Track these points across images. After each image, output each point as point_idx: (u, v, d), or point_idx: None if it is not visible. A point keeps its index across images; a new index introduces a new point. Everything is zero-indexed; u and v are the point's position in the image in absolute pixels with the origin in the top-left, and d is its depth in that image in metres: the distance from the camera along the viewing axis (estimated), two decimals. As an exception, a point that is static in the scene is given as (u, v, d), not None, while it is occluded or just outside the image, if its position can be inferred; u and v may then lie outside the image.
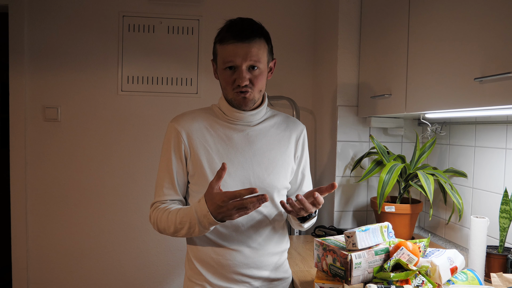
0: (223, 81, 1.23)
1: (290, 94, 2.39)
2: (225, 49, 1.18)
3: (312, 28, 2.46)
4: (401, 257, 1.11)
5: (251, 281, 1.26)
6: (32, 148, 2.30)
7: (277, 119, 1.36)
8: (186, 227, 1.16)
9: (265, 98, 1.32)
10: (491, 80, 1.04)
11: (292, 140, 1.34)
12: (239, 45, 1.17)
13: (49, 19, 2.28)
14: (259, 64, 1.20)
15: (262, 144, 1.28)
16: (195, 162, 1.24)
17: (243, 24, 1.20)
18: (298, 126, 1.38)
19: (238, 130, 1.28)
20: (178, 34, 2.36)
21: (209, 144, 1.25)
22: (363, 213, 2.04)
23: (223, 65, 1.20)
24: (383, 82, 1.69)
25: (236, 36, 1.17)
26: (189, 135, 1.25)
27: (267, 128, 1.31)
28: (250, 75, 1.19)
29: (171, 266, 2.43)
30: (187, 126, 1.26)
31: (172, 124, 1.28)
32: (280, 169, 1.28)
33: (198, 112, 1.32)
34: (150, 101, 2.38)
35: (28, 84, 2.28)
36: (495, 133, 1.54)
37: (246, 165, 1.24)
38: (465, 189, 1.70)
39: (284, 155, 1.30)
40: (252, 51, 1.18)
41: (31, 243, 2.32)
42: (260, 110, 1.30)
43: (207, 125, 1.28)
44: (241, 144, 1.26)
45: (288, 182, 1.33)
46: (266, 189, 1.25)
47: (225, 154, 1.24)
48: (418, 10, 1.43)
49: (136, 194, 2.38)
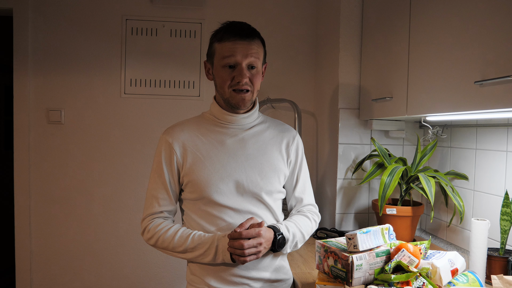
0: (220, 79, 1.22)
1: (291, 97, 2.40)
2: (225, 46, 1.18)
3: (313, 31, 2.47)
4: (402, 259, 1.12)
5: (250, 283, 1.26)
6: (36, 150, 2.32)
7: (269, 125, 1.36)
8: (199, 252, 1.19)
9: (256, 102, 1.33)
10: (491, 83, 1.05)
11: (283, 146, 1.34)
12: (240, 43, 1.18)
13: (53, 22, 2.30)
14: (257, 63, 1.21)
15: (255, 149, 1.28)
16: (188, 172, 1.25)
17: (242, 24, 1.22)
18: (290, 132, 1.38)
19: (230, 135, 1.28)
20: (180, 37, 2.38)
21: (201, 152, 1.25)
22: (365, 215, 2.04)
23: (222, 62, 1.19)
24: (384, 85, 1.70)
25: (237, 34, 1.18)
26: (181, 145, 1.26)
27: (260, 132, 1.32)
28: (249, 73, 1.20)
29: (174, 267, 2.44)
30: (178, 137, 1.27)
31: (163, 137, 1.29)
32: (272, 174, 1.28)
33: (189, 122, 1.33)
34: (153, 104, 2.39)
35: (32, 87, 2.30)
36: (496, 135, 1.54)
37: (239, 169, 1.24)
38: (466, 192, 1.71)
39: (276, 160, 1.30)
40: (252, 49, 1.19)
41: (34, 245, 2.34)
42: (252, 113, 1.30)
43: (199, 133, 1.28)
44: (234, 148, 1.26)
45: (281, 186, 1.32)
46: (258, 193, 1.25)
47: (217, 160, 1.24)
48: (419, 14, 1.44)
49: (139, 195, 2.39)
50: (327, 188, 2.14)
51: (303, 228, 1.30)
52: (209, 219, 1.24)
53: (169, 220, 1.30)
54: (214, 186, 1.22)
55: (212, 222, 1.24)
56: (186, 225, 1.30)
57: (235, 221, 1.23)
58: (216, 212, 1.23)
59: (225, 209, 1.23)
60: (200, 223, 1.25)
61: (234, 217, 1.23)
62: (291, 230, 1.25)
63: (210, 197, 1.23)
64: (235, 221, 1.23)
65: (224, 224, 1.23)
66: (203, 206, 1.25)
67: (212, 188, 1.22)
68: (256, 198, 1.26)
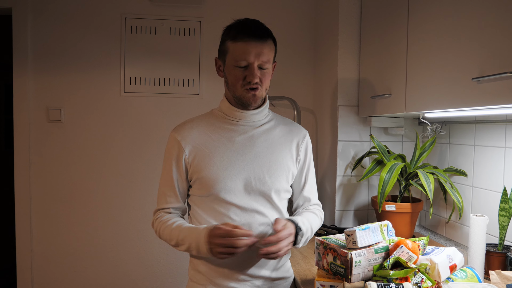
0: (233, 78, 1.23)
1: (291, 94, 2.40)
2: (239, 46, 1.19)
3: (312, 29, 2.47)
4: (401, 255, 1.13)
5: (252, 280, 1.26)
6: (36, 149, 2.33)
7: (279, 123, 1.37)
8: (186, 245, 1.20)
9: (267, 98, 1.34)
10: (488, 80, 1.06)
11: (293, 145, 1.34)
12: (253, 44, 1.18)
13: (52, 21, 2.30)
14: (268, 64, 1.23)
15: (264, 146, 1.29)
16: (197, 169, 1.25)
17: (256, 24, 1.22)
18: (301, 131, 1.39)
19: (240, 132, 1.29)
20: (179, 35, 2.38)
21: (210, 149, 1.26)
22: (364, 212, 2.05)
23: (234, 62, 1.21)
24: (383, 82, 1.70)
25: (252, 34, 1.18)
26: (190, 143, 1.27)
27: (269, 130, 1.32)
28: (260, 73, 1.21)
29: (175, 266, 2.44)
30: (187, 135, 1.28)
31: (172, 134, 1.31)
32: (280, 172, 1.28)
33: (198, 119, 1.34)
34: (153, 102, 2.39)
35: (31, 85, 2.31)
36: (495, 132, 1.55)
37: (247, 167, 1.25)
38: (465, 188, 1.71)
39: (285, 159, 1.30)
40: (264, 50, 1.20)
41: (35, 243, 2.35)
42: (262, 109, 1.31)
43: (208, 131, 1.29)
44: (243, 145, 1.27)
45: (288, 185, 1.33)
46: (266, 191, 1.26)
47: (226, 157, 1.25)
48: (417, 11, 1.44)
49: (139, 194, 2.40)
50: (327, 185, 2.15)
51: (313, 225, 1.31)
52: (215, 215, 1.25)
53: (174, 214, 1.31)
54: (222, 183, 1.23)
55: (218, 219, 1.24)
56: (192, 220, 1.31)
57: (241, 219, 1.23)
58: (223, 209, 1.24)
59: (232, 206, 1.24)
60: (206, 219, 1.26)
61: (240, 215, 1.24)
62: (305, 226, 1.26)
63: (217, 194, 1.23)
64: (240, 219, 1.23)
65: (229, 222, 1.23)
66: (210, 203, 1.25)
67: (220, 186, 1.23)
68: (263, 197, 1.26)
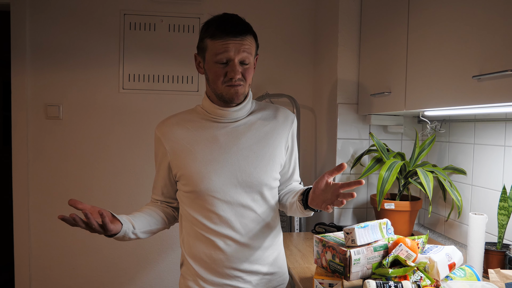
0: (213, 75, 1.21)
1: (290, 92, 2.40)
2: (217, 44, 1.17)
3: (312, 26, 2.47)
4: (400, 254, 1.12)
5: (243, 276, 1.25)
6: (34, 146, 2.32)
7: (265, 111, 1.34)
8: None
9: (249, 94, 1.31)
10: (488, 78, 1.05)
11: (282, 131, 1.32)
12: (232, 41, 1.16)
13: (50, 17, 2.29)
14: (250, 58, 1.20)
15: (248, 138, 1.27)
16: (180, 165, 1.25)
17: (235, 19, 1.20)
18: (289, 116, 1.35)
19: (222, 127, 1.27)
20: (179, 32, 2.37)
21: (192, 145, 1.25)
22: (363, 210, 2.05)
23: (214, 59, 1.19)
24: (382, 80, 1.70)
25: (230, 31, 1.16)
26: (171, 139, 1.27)
27: (253, 121, 1.30)
28: (241, 68, 1.20)
29: (172, 263, 2.44)
30: (168, 131, 1.28)
31: (155, 131, 1.32)
32: (267, 162, 1.26)
33: (181, 115, 1.33)
34: (151, 99, 2.39)
35: (30, 82, 2.30)
36: (494, 130, 1.55)
37: (232, 161, 1.23)
38: (464, 186, 1.71)
39: (271, 147, 1.28)
40: (244, 46, 1.18)
41: (33, 241, 2.34)
42: (243, 106, 1.28)
43: (190, 127, 1.28)
44: (226, 141, 1.25)
45: (277, 173, 1.30)
46: (253, 183, 1.24)
47: (210, 154, 1.24)
48: (417, 9, 1.44)
49: (137, 191, 2.40)
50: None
51: None
52: (200, 211, 1.24)
53: (157, 205, 1.38)
54: (206, 179, 1.21)
55: (204, 215, 1.23)
56: (182, 217, 1.31)
57: (227, 215, 1.22)
58: (208, 205, 1.23)
59: (217, 201, 1.22)
60: (193, 215, 1.25)
61: (226, 210, 1.22)
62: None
63: (202, 190, 1.22)
64: (226, 215, 1.22)
65: (215, 217, 1.22)
66: (196, 199, 1.24)
67: (204, 181, 1.21)
68: (251, 189, 1.24)
